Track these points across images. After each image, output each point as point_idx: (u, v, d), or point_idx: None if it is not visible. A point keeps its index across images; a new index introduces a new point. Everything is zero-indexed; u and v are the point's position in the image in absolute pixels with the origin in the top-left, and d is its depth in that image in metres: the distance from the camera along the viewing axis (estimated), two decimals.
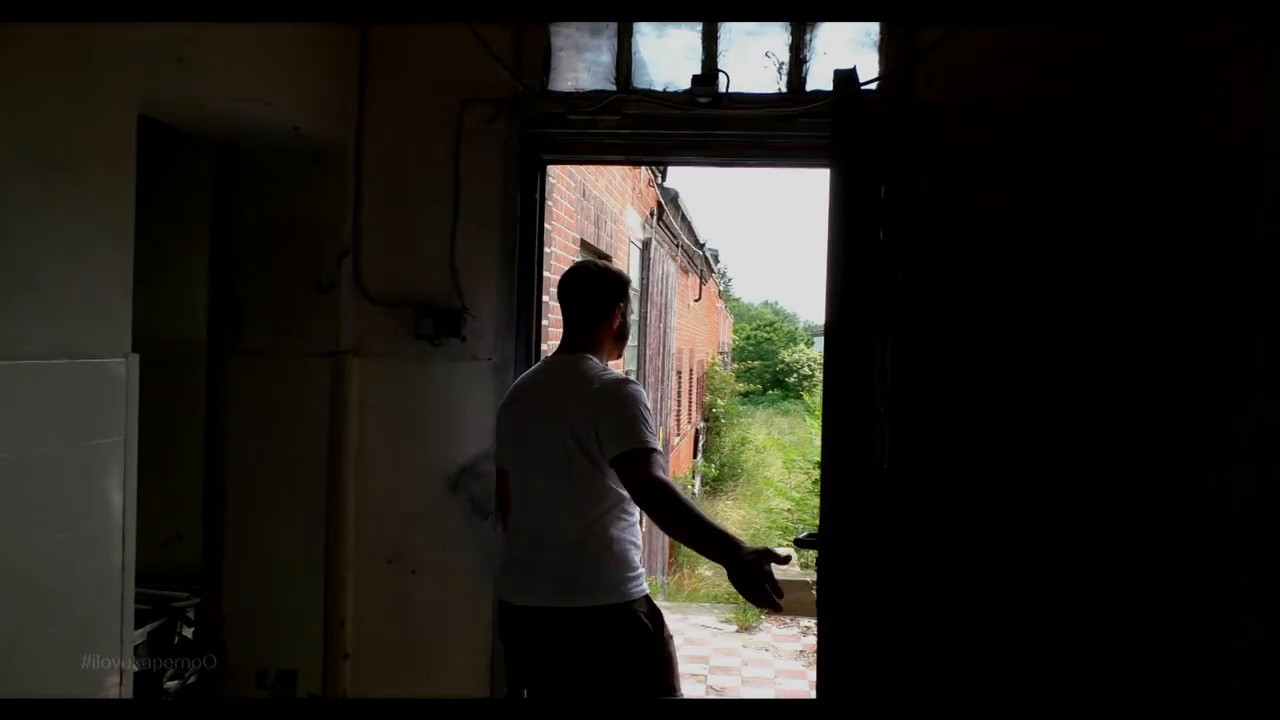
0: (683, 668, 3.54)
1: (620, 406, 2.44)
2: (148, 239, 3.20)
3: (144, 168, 2.35)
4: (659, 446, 2.45)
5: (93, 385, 2.09)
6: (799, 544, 2.70)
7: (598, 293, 2.69)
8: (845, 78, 2.52)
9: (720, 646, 5.45)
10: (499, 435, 2.77)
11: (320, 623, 3.34)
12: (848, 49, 3.43)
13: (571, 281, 2.72)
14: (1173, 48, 2.95)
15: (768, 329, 43.62)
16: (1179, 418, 2.84)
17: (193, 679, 3.72)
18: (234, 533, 3.37)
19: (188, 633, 4.01)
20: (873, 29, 3.37)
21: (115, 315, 2.17)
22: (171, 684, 3.78)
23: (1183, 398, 2.82)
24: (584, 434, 2.44)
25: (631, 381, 2.55)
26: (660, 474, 2.38)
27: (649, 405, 2.49)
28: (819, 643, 2.53)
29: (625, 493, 2.45)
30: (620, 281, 2.76)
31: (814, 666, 5.08)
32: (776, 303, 65.96)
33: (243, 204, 3.35)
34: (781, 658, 5.31)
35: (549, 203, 3.87)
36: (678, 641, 3.99)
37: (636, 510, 2.53)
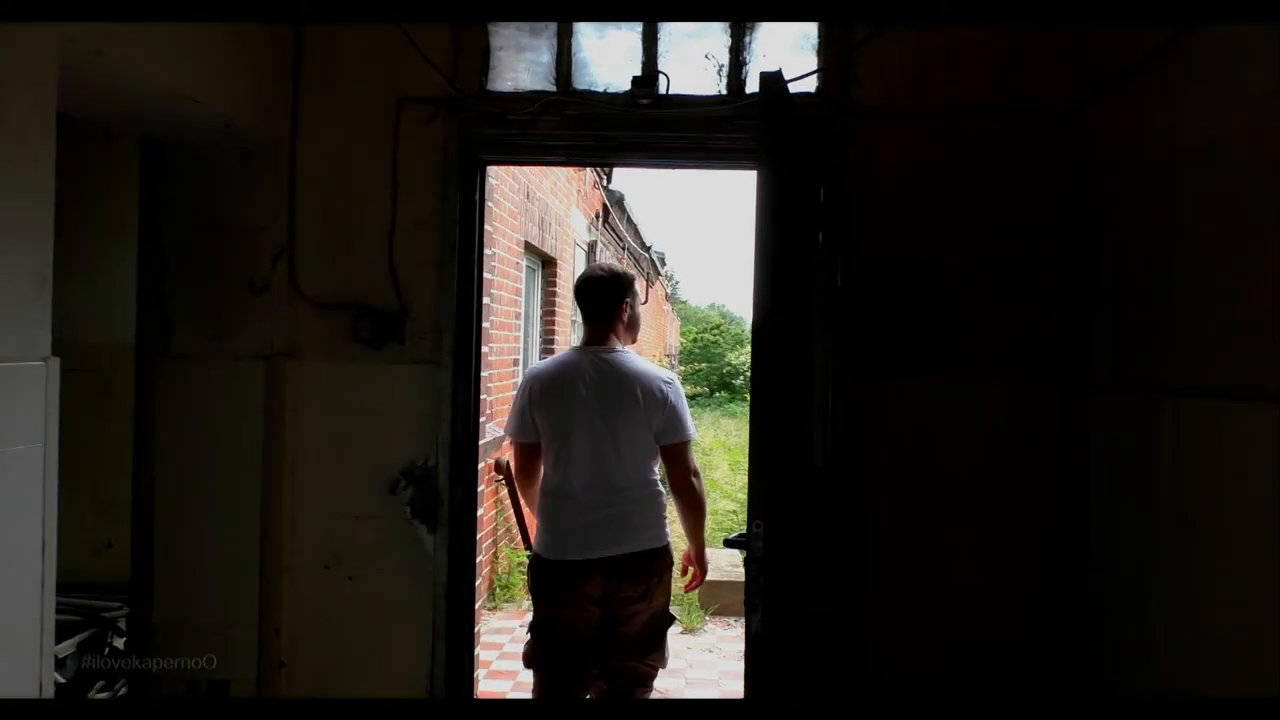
0: None
1: (680, 403, 3.23)
2: (74, 239, 3.12)
3: (70, 165, 2.27)
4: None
5: (6, 390, 2.02)
6: (728, 544, 2.72)
7: (607, 291, 3.32)
8: (772, 79, 2.53)
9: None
10: (540, 415, 3.25)
11: (254, 631, 3.27)
12: (787, 52, 3.45)
13: (584, 284, 3.39)
14: (1095, 57, 3.02)
15: (714, 331, 43.74)
16: (1104, 416, 2.89)
17: (123, 690, 3.64)
18: (164, 541, 3.28)
19: (119, 643, 3.92)
20: (811, 32, 3.39)
21: (32, 316, 2.10)
22: (101, 695, 3.69)
23: (1107, 395, 2.87)
24: (654, 419, 3.17)
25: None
26: (696, 464, 3.29)
27: None
28: (746, 642, 2.54)
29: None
30: (625, 279, 3.38)
31: None
32: (723, 305, 66.20)
33: (172, 203, 3.28)
34: (725, 659, 5.32)
35: (490, 204, 3.84)
36: None
37: None
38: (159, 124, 3.04)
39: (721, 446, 16.60)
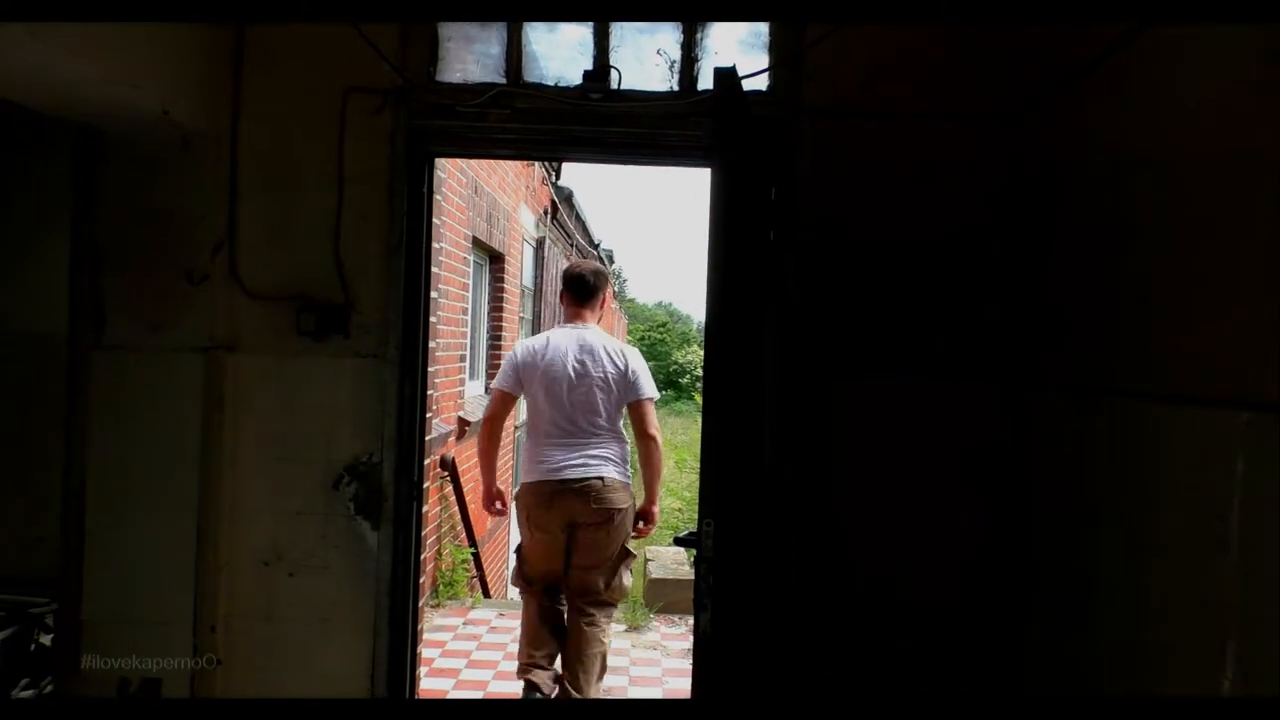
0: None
1: (640, 366, 4.21)
2: (4, 228, 3.01)
3: (1, 152, 2.20)
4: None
5: None
6: (678, 542, 2.71)
7: (595, 284, 4.27)
8: (726, 75, 2.53)
9: (609, 646, 5.43)
10: (528, 372, 4.10)
11: (189, 628, 3.19)
12: (737, 49, 3.45)
13: (578, 277, 4.29)
14: (1042, 59, 3.06)
15: (661, 330, 43.88)
16: (1046, 417, 2.94)
17: (49, 688, 3.53)
18: (96, 535, 3.19)
19: (45, 640, 3.80)
20: (762, 30, 3.40)
21: None
22: (26, 694, 3.57)
23: (1049, 396, 2.92)
24: (623, 380, 4.10)
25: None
26: (655, 421, 4.18)
27: None
28: (695, 642, 2.53)
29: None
30: (605, 276, 4.42)
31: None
32: (670, 303, 66.42)
33: (107, 191, 3.17)
34: (670, 656, 5.32)
35: (438, 198, 3.79)
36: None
37: None
38: (94, 110, 2.94)
39: (668, 445, 16.62)
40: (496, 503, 4.35)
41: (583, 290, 4.23)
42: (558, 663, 4.16)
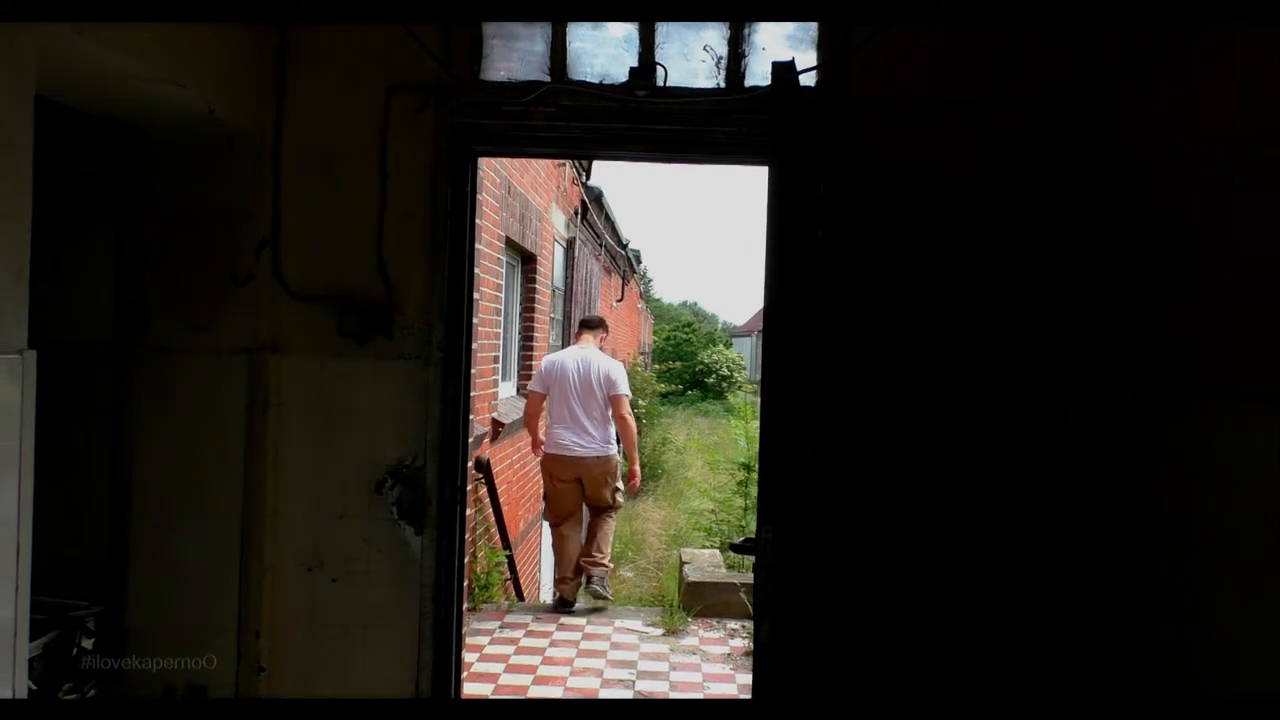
0: (609, 674, 4.08)
1: (617, 373, 6.27)
2: (50, 229, 2.97)
3: (47, 151, 2.16)
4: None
5: None
6: (734, 549, 2.65)
7: (595, 322, 6.72)
8: (784, 69, 2.46)
9: (648, 651, 5.36)
10: (550, 379, 6.27)
11: (233, 635, 3.17)
12: (786, 45, 3.38)
13: (590, 320, 6.80)
14: (1100, 53, 2.97)
15: (687, 329, 43.72)
16: (1114, 416, 2.85)
17: (92, 694, 3.50)
18: (141, 539, 3.17)
19: (87, 644, 3.78)
20: (811, 26, 3.33)
21: (7, 308, 1.99)
22: (70, 698, 3.55)
23: (1118, 395, 2.83)
24: (608, 380, 6.17)
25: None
26: (629, 408, 6.32)
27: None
28: (755, 648, 2.46)
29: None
30: (604, 324, 6.87)
31: (740, 670, 5.04)
32: (695, 303, 66.35)
33: (151, 192, 3.16)
34: (710, 661, 5.24)
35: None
36: (603, 646, 5.56)
37: None
38: (139, 109, 2.92)
39: (699, 446, 16.54)
40: (539, 449, 6.48)
41: (586, 324, 6.71)
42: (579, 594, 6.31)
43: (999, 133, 3.15)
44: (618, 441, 6.43)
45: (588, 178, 11.59)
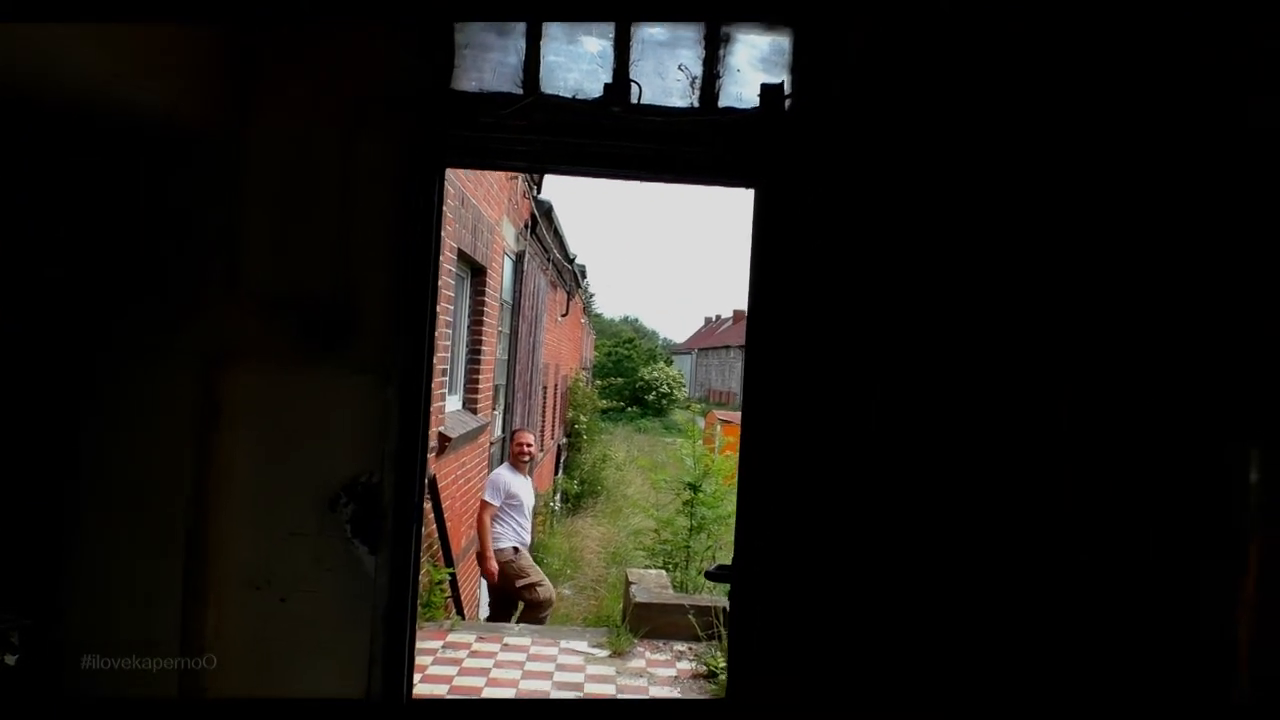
0: (555, 696, 4.07)
1: (488, 480, 7.49)
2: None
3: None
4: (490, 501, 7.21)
5: None
6: (709, 577, 2.61)
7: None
8: (774, 91, 2.44)
9: (594, 673, 5.29)
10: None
11: (176, 653, 3.03)
12: (760, 67, 3.37)
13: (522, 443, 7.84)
14: None
15: (627, 345, 43.75)
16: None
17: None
18: (80, 552, 3.02)
19: (10, 660, 3.60)
20: (785, 47, 3.33)
21: None
22: None
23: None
24: None
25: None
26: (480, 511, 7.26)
27: (493, 482, 7.33)
28: (729, 672, 2.42)
29: None
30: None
31: (688, 694, 5.00)
32: (636, 319, 66.48)
33: (108, 191, 3.02)
34: (657, 684, 5.19)
35: None
36: (549, 668, 5.65)
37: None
38: (98, 108, 2.80)
39: (634, 464, 16.51)
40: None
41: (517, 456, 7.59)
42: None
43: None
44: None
45: (539, 191, 11.53)
